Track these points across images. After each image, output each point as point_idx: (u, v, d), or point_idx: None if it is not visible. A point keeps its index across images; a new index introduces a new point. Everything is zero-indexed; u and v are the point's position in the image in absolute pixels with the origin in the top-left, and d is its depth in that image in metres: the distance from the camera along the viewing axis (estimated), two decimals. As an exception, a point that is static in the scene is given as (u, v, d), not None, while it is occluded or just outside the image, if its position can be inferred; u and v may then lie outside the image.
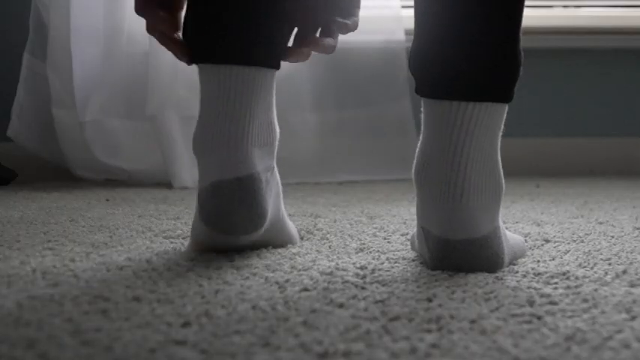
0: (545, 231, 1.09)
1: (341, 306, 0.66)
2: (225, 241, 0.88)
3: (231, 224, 0.86)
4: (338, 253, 0.91)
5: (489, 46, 0.80)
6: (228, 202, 0.86)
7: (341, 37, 0.95)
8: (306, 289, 0.72)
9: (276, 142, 0.92)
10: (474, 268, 0.80)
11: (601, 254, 0.90)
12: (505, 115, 0.82)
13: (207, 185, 0.87)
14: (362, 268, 0.82)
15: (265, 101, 0.90)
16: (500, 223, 0.84)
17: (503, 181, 0.83)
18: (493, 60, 0.80)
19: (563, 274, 0.79)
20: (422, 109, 0.84)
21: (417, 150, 0.84)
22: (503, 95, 0.81)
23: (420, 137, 0.84)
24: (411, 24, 0.86)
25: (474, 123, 0.80)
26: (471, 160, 0.80)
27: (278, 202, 0.93)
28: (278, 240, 0.94)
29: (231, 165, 0.87)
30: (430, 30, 0.82)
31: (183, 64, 1.03)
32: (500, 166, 0.83)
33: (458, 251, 0.80)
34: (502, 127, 0.83)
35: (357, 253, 0.91)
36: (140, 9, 0.89)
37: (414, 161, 0.85)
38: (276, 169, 0.93)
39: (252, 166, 0.87)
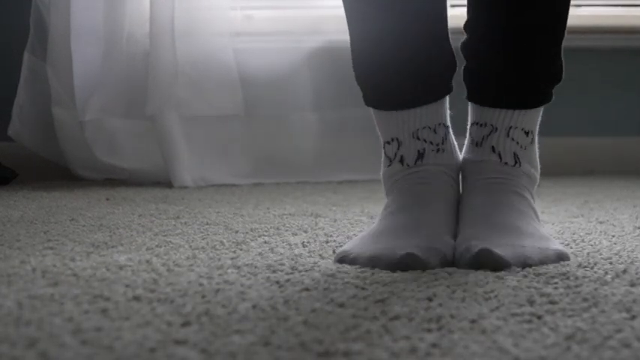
0: (545, 230, 1.09)
1: (341, 305, 0.66)
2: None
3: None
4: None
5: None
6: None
7: (341, 37, 0.95)
8: (306, 289, 0.72)
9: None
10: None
11: (601, 254, 0.90)
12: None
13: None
14: (362, 268, 0.82)
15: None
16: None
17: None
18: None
19: (563, 273, 0.79)
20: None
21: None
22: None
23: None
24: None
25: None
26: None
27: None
28: None
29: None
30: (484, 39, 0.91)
31: (183, 64, 1.03)
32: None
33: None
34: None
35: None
36: None
37: None
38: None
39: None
